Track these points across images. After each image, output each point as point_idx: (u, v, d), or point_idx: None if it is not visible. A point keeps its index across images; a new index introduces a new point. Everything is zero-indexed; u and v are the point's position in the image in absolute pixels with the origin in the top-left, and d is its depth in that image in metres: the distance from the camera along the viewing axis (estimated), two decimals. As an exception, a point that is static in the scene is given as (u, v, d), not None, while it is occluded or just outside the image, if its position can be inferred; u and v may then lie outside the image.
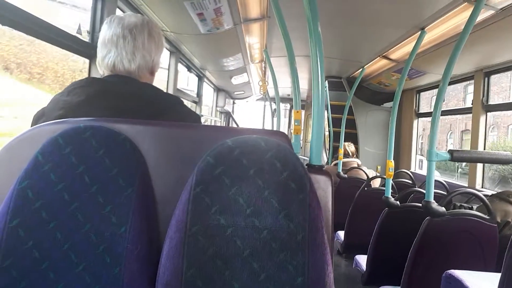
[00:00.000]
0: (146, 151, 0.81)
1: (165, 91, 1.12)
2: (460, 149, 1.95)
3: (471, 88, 3.52)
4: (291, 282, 0.66)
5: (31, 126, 0.97)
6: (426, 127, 8.23)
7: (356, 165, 4.07)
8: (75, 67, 2.35)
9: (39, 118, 1.00)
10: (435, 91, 3.59)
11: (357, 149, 4.82)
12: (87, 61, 1.91)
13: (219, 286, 0.66)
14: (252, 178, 0.69)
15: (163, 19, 2.66)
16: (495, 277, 1.15)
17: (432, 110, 2.00)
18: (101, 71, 1.11)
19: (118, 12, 2.09)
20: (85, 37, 1.91)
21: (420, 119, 4.79)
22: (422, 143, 9.28)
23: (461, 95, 16.34)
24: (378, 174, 4.10)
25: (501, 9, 2.12)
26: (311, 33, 1.06)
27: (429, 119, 2.05)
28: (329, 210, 0.87)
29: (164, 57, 3.46)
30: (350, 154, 4.30)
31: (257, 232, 0.67)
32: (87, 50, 1.84)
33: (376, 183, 3.66)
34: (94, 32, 1.90)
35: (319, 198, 0.74)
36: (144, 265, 0.73)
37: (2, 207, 0.70)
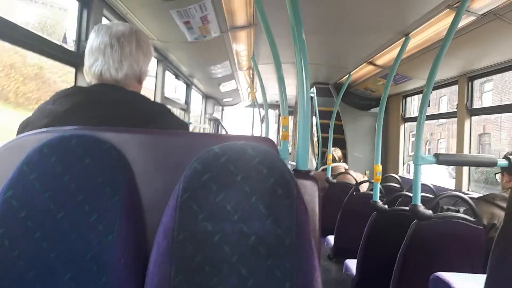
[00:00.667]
0: (133, 159, 0.81)
1: (152, 99, 1.11)
2: (445, 153, 1.98)
3: (445, 91, 3.58)
4: (279, 287, 0.66)
5: (16, 136, 0.96)
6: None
7: (343, 170, 4.10)
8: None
9: (24, 127, 0.99)
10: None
11: (345, 154, 4.86)
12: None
13: None
14: (239, 184, 0.70)
15: (149, 27, 2.66)
16: (481, 278, 1.17)
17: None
18: (88, 79, 1.11)
19: (104, 20, 2.09)
20: (71, 46, 1.90)
21: (408, 123, 4.85)
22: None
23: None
24: (366, 178, 4.14)
25: (482, 15, 2.17)
26: (295, 40, 1.08)
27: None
28: (316, 215, 0.87)
29: (152, 65, 3.45)
30: (337, 159, 4.34)
31: (245, 238, 0.67)
32: (73, 59, 1.83)
33: (364, 188, 3.69)
34: (79, 41, 1.89)
35: (306, 203, 0.75)
36: (132, 273, 0.73)
37: None
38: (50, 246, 0.68)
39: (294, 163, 1.17)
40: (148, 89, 3.45)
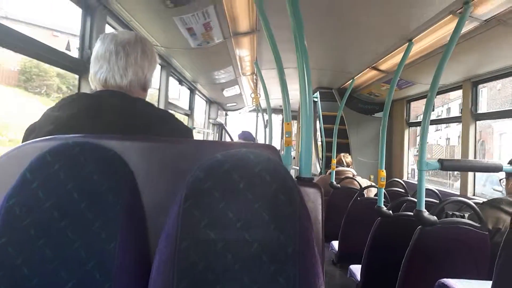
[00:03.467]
0: (135, 167, 0.81)
1: (156, 104, 1.12)
2: (450, 159, 1.97)
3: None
4: None
5: (22, 140, 0.97)
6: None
7: (351, 175, 4.07)
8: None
9: (30, 132, 1.00)
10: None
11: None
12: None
13: None
14: (242, 191, 0.69)
15: (153, 34, 2.68)
16: (487, 284, 1.16)
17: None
18: (93, 86, 1.12)
19: (108, 28, 2.11)
20: (75, 54, 1.91)
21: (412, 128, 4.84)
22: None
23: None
24: (372, 184, 4.13)
25: (485, 20, 2.17)
26: (297, 46, 1.08)
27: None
28: (319, 222, 0.87)
29: (155, 71, 3.47)
30: (346, 164, 4.30)
31: (248, 246, 0.67)
32: (77, 66, 1.84)
33: (370, 193, 3.67)
34: (83, 48, 1.90)
35: (309, 210, 0.74)
36: (135, 280, 0.73)
37: None
38: (53, 254, 0.69)
39: (298, 168, 1.16)
40: (151, 95, 3.48)
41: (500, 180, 2.38)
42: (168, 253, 0.68)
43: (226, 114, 7.98)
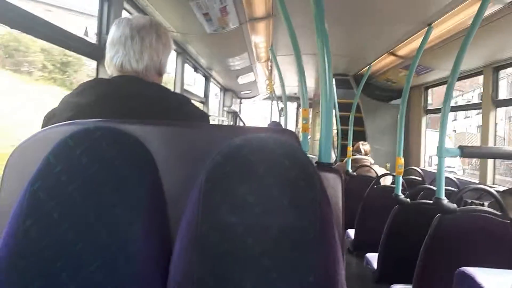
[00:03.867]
0: (156, 151, 0.81)
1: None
2: (470, 146, 1.93)
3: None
4: (302, 281, 0.65)
5: (42, 127, 0.98)
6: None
7: (368, 163, 4.03)
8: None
9: (49, 119, 1.01)
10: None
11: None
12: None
13: (231, 285, 0.65)
14: (261, 176, 0.69)
15: (169, 19, 2.67)
16: (509, 273, 1.14)
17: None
18: (109, 71, 1.12)
19: (124, 13, 2.11)
20: (93, 39, 1.92)
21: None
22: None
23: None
24: (388, 172, 4.09)
25: (509, 3, 2.10)
26: (318, 30, 1.06)
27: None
28: (339, 208, 0.86)
29: (171, 58, 3.47)
30: (364, 153, 4.25)
31: (268, 231, 0.67)
32: (95, 51, 1.85)
33: (386, 182, 3.64)
34: (101, 34, 1.91)
35: (329, 196, 0.74)
36: (156, 264, 0.73)
37: (15, 209, 0.70)
38: (76, 237, 0.69)
39: (313, 156, 1.15)
40: (166, 83, 3.47)
41: None
42: (189, 237, 0.68)
43: (241, 102, 7.98)
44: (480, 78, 3.46)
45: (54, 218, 0.69)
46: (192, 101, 1.13)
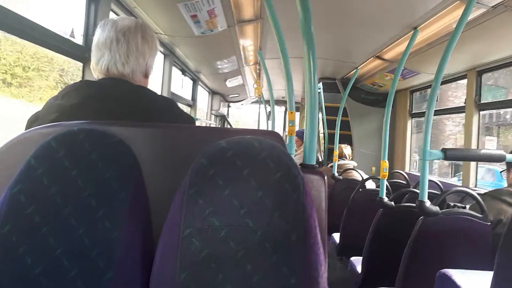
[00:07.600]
0: (140, 154, 0.81)
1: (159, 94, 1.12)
2: (453, 148, 1.96)
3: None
4: (284, 283, 0.66)
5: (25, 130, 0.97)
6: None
7: (352, 167, 4.06)
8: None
9: (32, 122, 1.00)
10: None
11: (351, 150, 4.83)
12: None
13: None
14: (246, 178, 0.69)
15: (157, 21, 2.66)
16: (488, 275, 1.16)
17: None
18: (95, 75, 1.11)
19: (112, 15, 2.09)
20: (79, 41, 1.90)
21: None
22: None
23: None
24: (372, 175, 4.11)
25: (492, 7, 2.13)
26: (304, 34, 1.07)
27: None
28: (323, 210, 0.87)
29: (158, 60, 3.44)
30: (347, 156, 4.27)
31: (251, 233, 0.67)
32: (81, 53, 1.83)
33: (371, 186, 3.66)
34: (87, 35, 1.89)
35: (313, 198, 0.74)
36: (138, 269, 0.73)
37: None
38: (56, 242, 0.68)
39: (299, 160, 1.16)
40: (153, 86, 3.44)
41: (501, 172, 2.37)
42: (172, 241, 0.67)
43: (229, 106, 7.96)
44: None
45: (34, 221, 0.68)
46: (180, 105, 1.13)
